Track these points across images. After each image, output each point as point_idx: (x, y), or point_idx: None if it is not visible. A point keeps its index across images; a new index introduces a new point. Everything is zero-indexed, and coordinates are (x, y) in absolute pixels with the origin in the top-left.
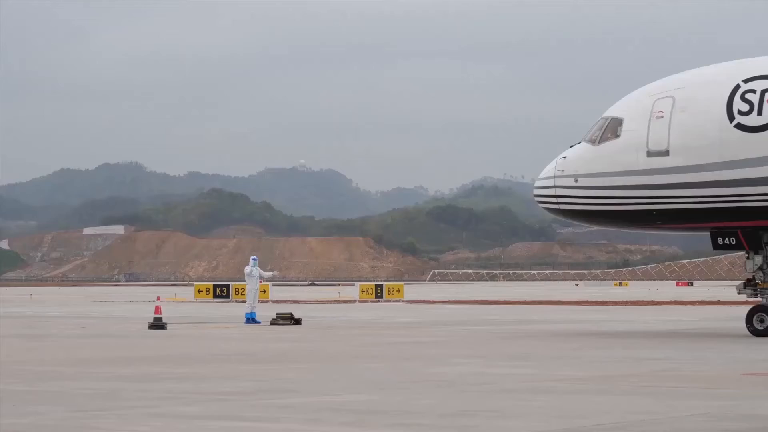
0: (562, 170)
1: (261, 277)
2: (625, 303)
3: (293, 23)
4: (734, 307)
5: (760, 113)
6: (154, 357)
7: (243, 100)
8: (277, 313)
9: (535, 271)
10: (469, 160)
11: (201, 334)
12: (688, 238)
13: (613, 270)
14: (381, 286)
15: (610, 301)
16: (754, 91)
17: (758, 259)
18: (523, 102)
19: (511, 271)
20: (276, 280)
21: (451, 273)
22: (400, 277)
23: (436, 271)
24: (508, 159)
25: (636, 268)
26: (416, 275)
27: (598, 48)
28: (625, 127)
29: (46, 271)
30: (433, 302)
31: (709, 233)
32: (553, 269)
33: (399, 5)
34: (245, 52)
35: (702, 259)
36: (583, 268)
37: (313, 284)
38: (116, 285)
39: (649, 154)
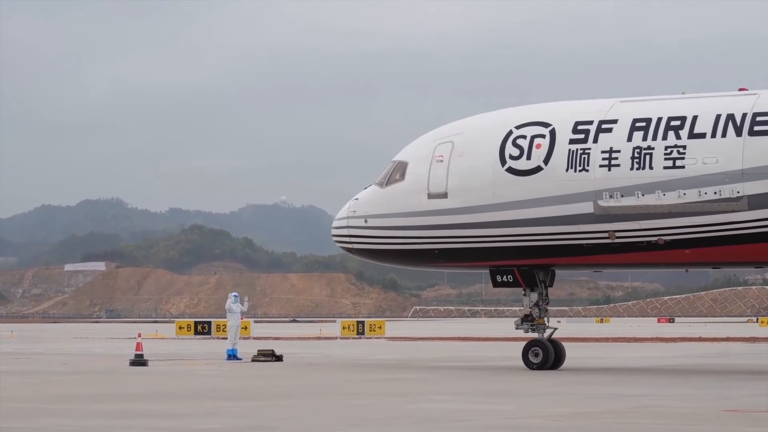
0: (354, 211)
1: (242, 313)
2: (607, 339)
3: (275, 61)
4: (716, 343)
5: (528, 158)
6: (135, 394)
7: (224, 137)
8: (258, 350)
9: (517, 308)
10: None
11: (182, 370)
12: (669, 275)
13: (595, 306)
14: (362, 322)
15: (591, 338)
16: (524, 137)
17: (534, 296)
18: None
19: (492, 308)
20: (256, 315)
21: (433, 309)
22: (381, 313)
23: (417, 307)
24: None
25: (617, 304)
26: (398, 312)
27: (574, 89)
28: (409, 170)
29: (27, 308)
30: (415, 339)
31: (489, 271)
32: None
33: (380, 44)
34: (227, 89)
35: (683, 296)
36: (565, 305)
37: (294, 321)
38: (97, 321)
39: (430, 196)
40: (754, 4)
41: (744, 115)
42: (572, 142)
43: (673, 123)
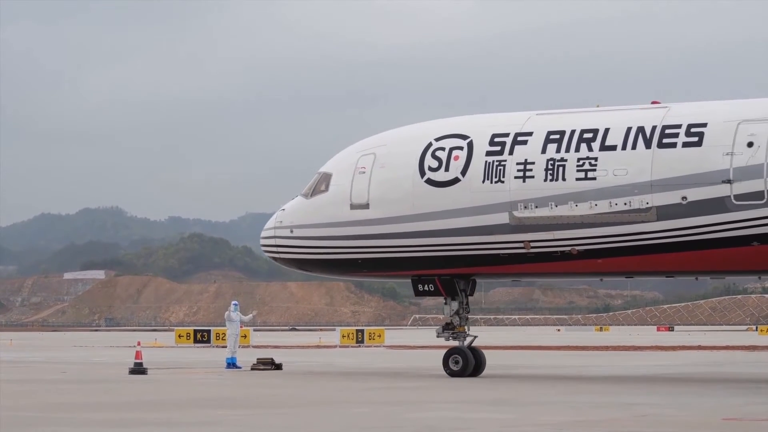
0: (281, 222)
1: (242, 322)
2: (606, 348)
3: (274, 70)
4: (715, 352)
5: (447, 169)
6: (134, 402)
7: (224, 146)
8: (257, 359)
9: (516, 316)
10: None
11: (182, 379)
12: (668, 283)
13: (594, 315)
14: (362, 331)
15: (591, 346)
16: (443, 149)
17: (455, 305)
18: None
19: (491, 316)
20: (256, 324)
21: (432, 318)
22: (380, 322)
23: (417, 316)
24: None
25: (617, 313)
26: (397, 320)
27: (571, 99)
28: (333, 181)
29: (26, 316)
30: (414, 347)
31: (411, 280)
32: (534, 314)
33: (380, 53)
34: (226, 98)
35: (683, 304)
36: (564, 313)
37: (293, 329)
38: (96, 330)
39: (352, 206)
40: (750, 12)
41: (654, 128)
42: (489, 154)
43: (585, 135)
